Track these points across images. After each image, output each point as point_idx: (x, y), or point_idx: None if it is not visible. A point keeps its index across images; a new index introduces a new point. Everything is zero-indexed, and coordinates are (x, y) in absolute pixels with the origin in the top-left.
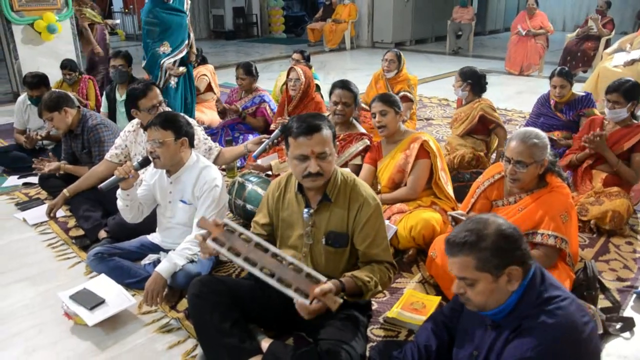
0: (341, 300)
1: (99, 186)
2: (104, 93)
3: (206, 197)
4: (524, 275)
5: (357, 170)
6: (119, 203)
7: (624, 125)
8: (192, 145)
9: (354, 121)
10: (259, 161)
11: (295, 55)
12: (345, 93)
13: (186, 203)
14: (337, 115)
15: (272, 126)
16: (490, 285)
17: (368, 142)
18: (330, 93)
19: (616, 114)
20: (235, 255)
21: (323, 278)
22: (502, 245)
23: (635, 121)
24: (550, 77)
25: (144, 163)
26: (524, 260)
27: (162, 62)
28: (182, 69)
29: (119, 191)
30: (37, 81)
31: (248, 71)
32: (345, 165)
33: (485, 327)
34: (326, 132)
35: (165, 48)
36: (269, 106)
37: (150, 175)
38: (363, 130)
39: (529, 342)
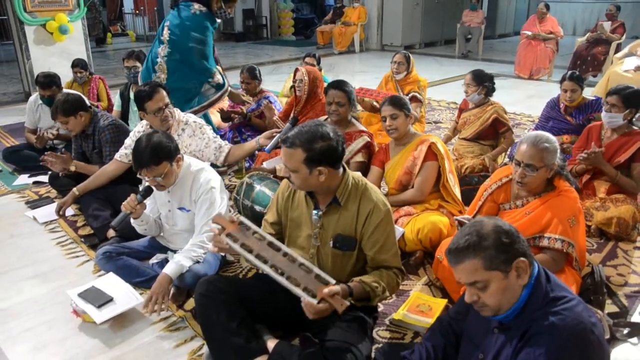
0: (348, 303)
1: (110, 224)
2: (118, 92)
3: (203, 201)
4: (530, 267)
5: (359, 167)
6: (138, 229)
7: (621, 133)
8: (178, 152)
9: (353, 120)
10: (264, 164)
11: (308, 59)
12: (338, 93)
13: (185, 210)
14: (332, 115)
15: (274, 118)
16: (502, 283)
17: (368, 139)
18: (325, 93)
19: (612, 117)
20: (247, 251)
21: (332, 280)
22: (504, 240)
23: (633, 127)
24: (561, 81)
25: (146, 194)
26: (526, 252)
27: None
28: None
29: (132, 221)
30: (49, 81)
31: (253, 75)
32: (347, 163)
33: (492, 330)
34: (295, 150)
35: (218, 77)
36: (275, 106)
37: None
38: (362, 128)
39: (540, 347)
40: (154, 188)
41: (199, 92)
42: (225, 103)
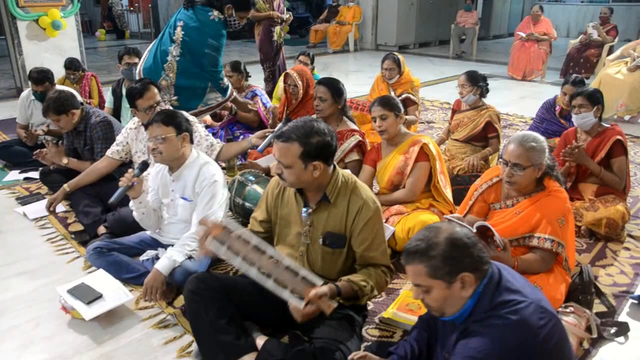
0: (336, 304)
1: (109, 201)
2: (110, 88)
3: (205, 193)
4: (478, 281)
5: (356, 166)
6: (136, 215)
7: (594, 134)
8: (191, 141)
9: (345, 118)
10: (257, 161)
11: (302, 58)
12: (320, 88)
13: (187, 200)
14: (317, 111)
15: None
16: (444, 292)
17: (360, 138)
18: None
19: (583, 117)
20: (233, 255)
21: (319, 281)
22: (452, 253)
23: (604, 125)
24: (563, 84)
25: (143, 167)
26: (476, 267)
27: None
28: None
29: (131, 202)
30: (42, 77)
31: (234, 68)
32: (340, 162)
33: (452, 331)
34: (291, 145)
35: (226, 81)
36: (261, 100)
37: (152, 178)
38: (354, 127)
39: (474, 343)
40: (149, 162)
41: (204, 94)
42: None
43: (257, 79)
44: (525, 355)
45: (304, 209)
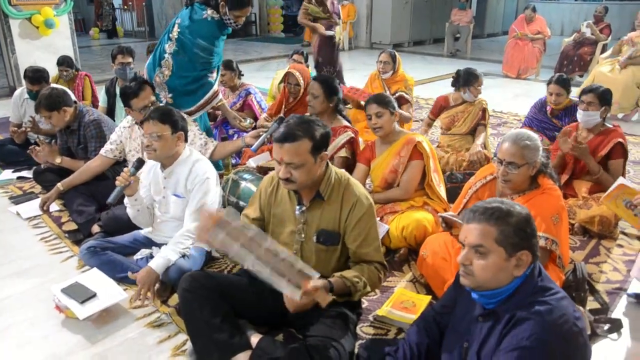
0: (332, 297)
1: (107, 201)
2: (104, 87)
3: (197, 190)
4: (530, 265)
5: (343, 163)
6: (130, 212)
7: (596, 132)
8: (186, 139)
9: (339, 116)
10: (250, 160)
11: (296, 57)
12: (314, 85)
13: (179, 197)
14: (309, 107)
15: (264, 116)
16: (500, 262)
17: (352, 135)
18: None
19: (589, 116)
20: (232, 241)
21: (315, 274)
22: (525, 227)
23: (607, 125)
24: (548, 84)
25: (138, 165)
26: (535, 251)
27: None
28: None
29: (126, 200)
30: (39, 76)
31: (226, 66)
32: (331, 158)
33: (476, 319)
34: (301, 142)
35: (213, 76)
36: (255, 98)
37: (145, 176)
38: (346, 124)
39: (524, 331)
40: (145, 159)
41: (203, 94)
42: None
43: (250, 77)
44: (568, 341)
45: (298, 207)
